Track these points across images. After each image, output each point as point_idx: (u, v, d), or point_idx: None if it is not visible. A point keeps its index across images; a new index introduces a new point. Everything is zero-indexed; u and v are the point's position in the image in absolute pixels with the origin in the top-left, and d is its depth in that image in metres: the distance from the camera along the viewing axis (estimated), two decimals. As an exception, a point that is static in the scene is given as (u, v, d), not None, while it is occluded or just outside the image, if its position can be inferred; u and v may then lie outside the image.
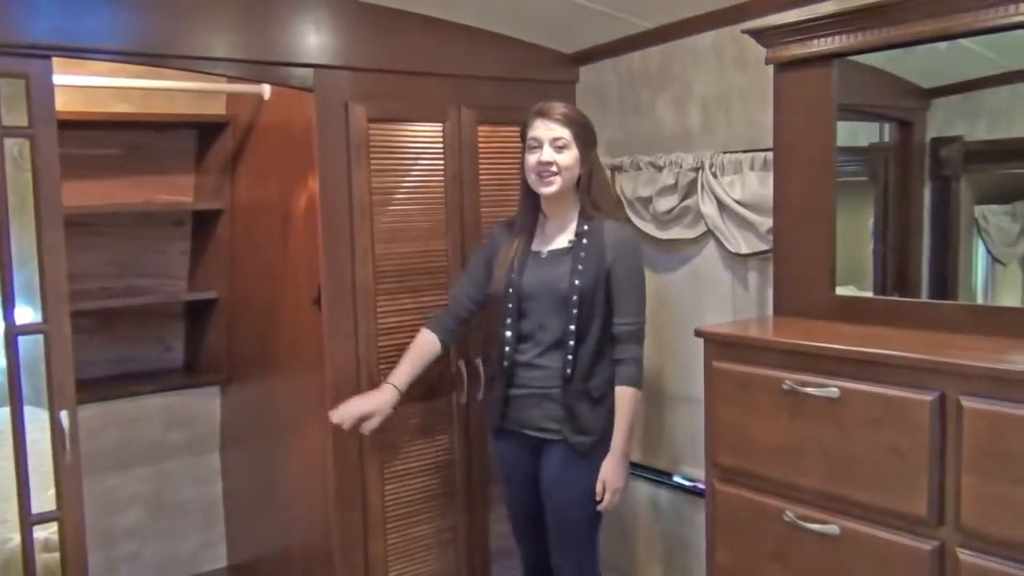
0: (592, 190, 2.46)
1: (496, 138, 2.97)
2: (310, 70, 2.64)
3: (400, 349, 2.80)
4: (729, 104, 2.65)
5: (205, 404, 3.57)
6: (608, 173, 2.82)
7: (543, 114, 2.42)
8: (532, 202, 2.50)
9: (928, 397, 1.68)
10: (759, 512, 2.01)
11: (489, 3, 2.77)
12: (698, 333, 2.15)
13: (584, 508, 2.43)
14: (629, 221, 2.69)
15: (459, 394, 2.94)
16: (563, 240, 2.47)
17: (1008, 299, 2.22)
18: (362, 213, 2.71)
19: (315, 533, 2.88)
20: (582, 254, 2.40)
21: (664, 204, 2.78)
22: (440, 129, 2.86)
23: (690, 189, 2.71)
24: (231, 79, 2.92)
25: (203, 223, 3.44)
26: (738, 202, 2.54)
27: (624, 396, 2.38)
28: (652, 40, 2.86)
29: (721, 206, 2.60)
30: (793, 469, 1.92)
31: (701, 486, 2.62)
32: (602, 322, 2.39)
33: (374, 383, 2.75)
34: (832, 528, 1.86)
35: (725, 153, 2.59)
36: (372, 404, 2.56)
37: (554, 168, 2.39)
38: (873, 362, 1.78)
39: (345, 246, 2.71)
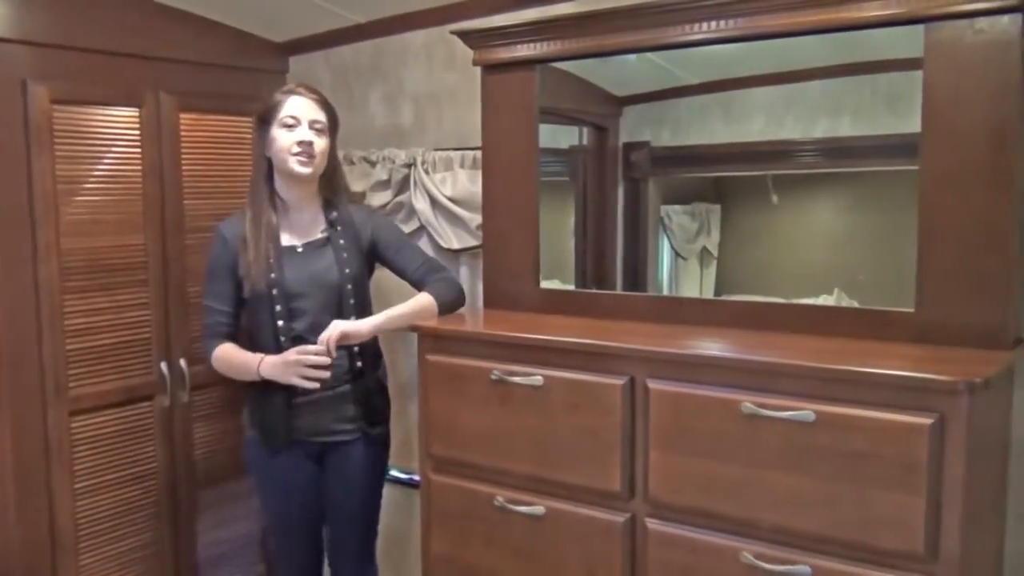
0: (336, 178, 2.42)
1: (201, 127, 2.82)
2: (-22, 42, 2.35)
3: (92, 352, 2.59)
4: (440, 103, 2.70)
5: None
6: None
7: (300, 93, 2.30)
8: (269, 193, 2.34)
9: (619, 381, 1.81)
10: (471, 499, 2.07)
11: (190, -17, 2.63)
12: (411, 327, 2.17)
13: (379, 497, 2.48)
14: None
15: (162, 397, 2.76)
16: (315, 231, 2.37)
17: (688, 290, 2.46)
18: (45, 204, 2.45)
19: (-8, 561, 2.58)
20: (341, 242, 2.34)
21: (378, 199, 2.78)
22: (136, 114, 2.65)
23: (403, 185, 2.73)
24: None
25: None
26: (450, 199, 2.59)
27: (419, 297, 2.31)
28: (363, 35, 2.85)
29: (433, 202, 2.65)
30: (503, 455, 1.99)
31: (417, 478, 2.65)
32: (373, 310, 2.37)
33: (61, 390, 2.51)
34: (538, 509, 1.95)
35: (437, 151, 2.64)
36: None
37: (314, 150, 2.28)
38: (571, 351, 1.89)
39: (25, 240, 2.44)
